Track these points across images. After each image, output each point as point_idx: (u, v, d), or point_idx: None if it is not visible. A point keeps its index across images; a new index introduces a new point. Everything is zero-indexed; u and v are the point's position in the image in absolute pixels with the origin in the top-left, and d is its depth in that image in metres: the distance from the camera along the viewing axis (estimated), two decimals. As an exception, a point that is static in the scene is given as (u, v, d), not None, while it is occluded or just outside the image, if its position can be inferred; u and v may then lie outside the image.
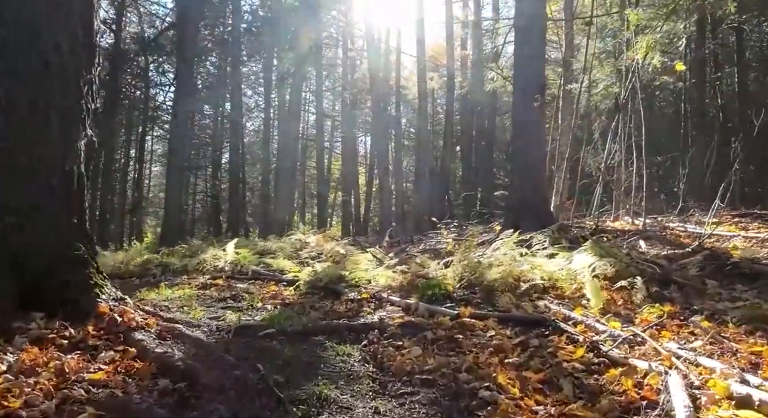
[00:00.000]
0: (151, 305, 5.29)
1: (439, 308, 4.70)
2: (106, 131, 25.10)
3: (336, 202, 33.26)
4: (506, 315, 4.40)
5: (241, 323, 4.25)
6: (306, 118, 31.34)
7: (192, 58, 21.05)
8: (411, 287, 5.66)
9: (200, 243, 11.83)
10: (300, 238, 11.34)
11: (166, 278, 8.10)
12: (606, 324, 3.95)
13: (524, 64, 9.67)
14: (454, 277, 5.63)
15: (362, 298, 5.54)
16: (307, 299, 5.90)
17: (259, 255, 9.21)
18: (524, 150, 9.53)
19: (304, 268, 7.69)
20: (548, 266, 5.47)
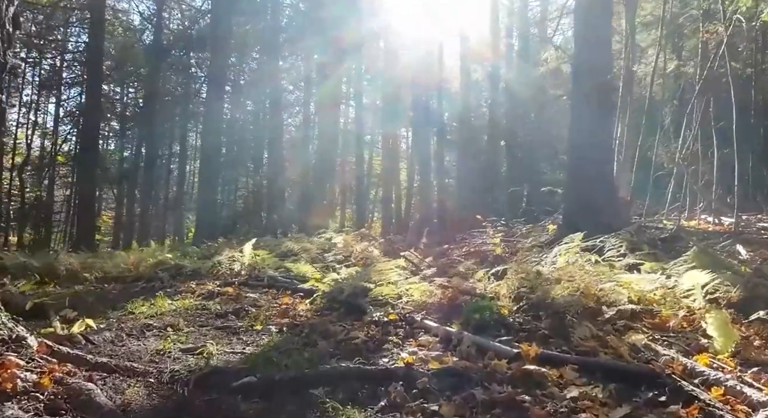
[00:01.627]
0: (116, 328, 4.10)
1: (492, 344, 3.31)
2: (147, 127, 24.55)
3: (378, 199, 31.94)
4: (591, 361, 2.98)
5: (208, 368, 2.93)
6: (347, 113, 30.13)
7: (226, 51, 20.16)
8: (452, 307, 4.29)
9: (223, 242, 10.68)
10: (329, 237, 10.07)
11: (173, 284, 6.93)
12: (761, 387, 2.48)
13: (586, 47, 8.14)
14: (508, 294, 4.22)
15: (389, 320, 4.20)
16: (321, 319, 4.58)
17: (281, 257, 7.97)
18: (585, 139, 7.97)
19: (327, 274, 6.42)
20: (638, 282, 3.99)
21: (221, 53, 19.22)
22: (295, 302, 5.50)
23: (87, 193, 19.58)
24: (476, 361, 3.11)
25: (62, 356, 2.69)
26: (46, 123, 28.54)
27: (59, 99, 27.22)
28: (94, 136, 20.25)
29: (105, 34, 22.57)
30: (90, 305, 5.68)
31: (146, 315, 5.02)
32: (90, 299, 5.93)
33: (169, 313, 5.11)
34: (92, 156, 19.89)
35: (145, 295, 6.14)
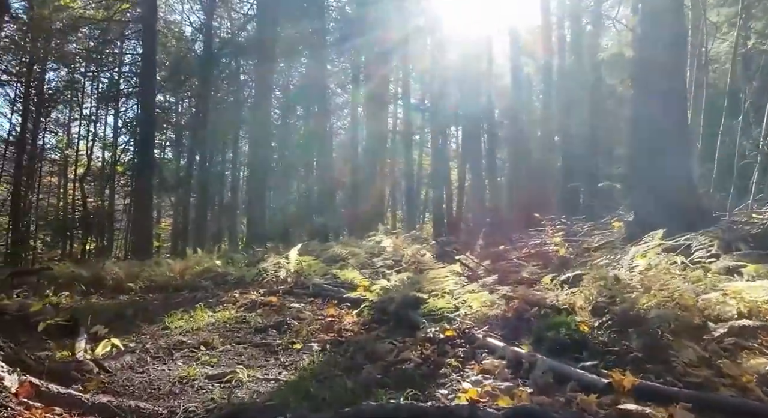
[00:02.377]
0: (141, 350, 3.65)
1: (574, 371, 2.68)
2: (201, 135, 24.72)
3: (428, 199, 31.27)
4: (709, 397, 2.30)
5: (229, 408, 2.40)
6: (395, 113, 29.60)
7: (273, 57, 19.97)
8: (519, 321, 3.66)
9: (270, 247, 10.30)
10: (379, 241, 9.52)
11: (216, 293, 6.54)
12: None
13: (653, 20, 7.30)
14: (585, 306, 3.55)
15: (446, 336, 3.60)
16: (368, 335, 4.04)
17: (328, 263, 7.47)
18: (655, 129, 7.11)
19: (376, 281, 5.87)
20: (750, 291, 3.24)
21: (268, 59, 19.06)
22: (341, 313, 4.98)
23: (144, 201, 19.72)
24: (556, 393, 2.49)
25: (51, 397, 2.22)
26: (105, 134, 29.23)
27: (117, 110, 27.77)
28: (149, 146, 20.39)
29: (158, 46, 22.82)
30: (128, 319, 5.33)
31: (182, 330, 4.60)
32: (129, 312, 5.57)
33: (206, 327, 4.68)
34: (148, 165, 20.03)
35: (186, 306, 5.75)
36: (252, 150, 17.86)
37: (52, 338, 4.42)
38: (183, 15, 30.40)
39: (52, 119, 28.92)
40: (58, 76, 28.11)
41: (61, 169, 29.22)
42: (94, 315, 5.33)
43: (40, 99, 26.69)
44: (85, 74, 27.61)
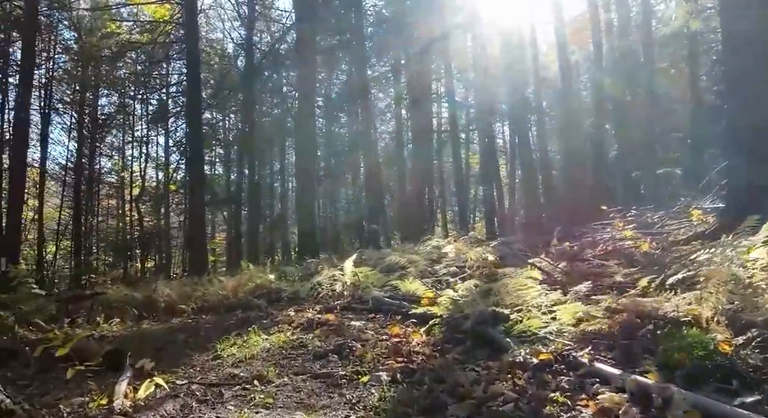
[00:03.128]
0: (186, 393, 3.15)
1: (731, 409, 2.01)
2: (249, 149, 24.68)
3: (477, 198, 30.39)
4: None
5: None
6: (439, 112, 28.90)
7: (313, 66, 19.62)
8: (631, 339, 2.97)
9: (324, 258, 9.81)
10: (437, 245, 8.88)
11: (270, 312, 6.06)
12: None
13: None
14: (714, 317, 2.83)
15: (540, 361, 2.95)
16: (443, 360, 3.42)
17: (386, 273, 6.90)
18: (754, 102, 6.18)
19: (442, 292, 5.25)
20: None
21: (308, 68, 18.72)
22: (407, 332, 4.39)
23: (197, 217, 19.70)
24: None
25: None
26: (158, 154, 29.68)
27: (167, 130, 28.13)
28: (199, 163, 20.40)
29: (201, 65, 22.90)
30: (178, 345, 4.90)
31: (234, 359, 4.10)
32: (180, 338, 5.14)
33: (261, 355, 4.16)
34: (199, 182, 20.02)
35: (239, 329, 5.29)
36: (298, 160, 17.52)
37: (98, 374, 4.02)
38: (224, 32, 30.66)
39: (107, 144, 29.58)
40: (110, 101, 28.76)
41: (118, 191, 29.84)
42: (143, 343, 4.94)
43: (95, 125, 27.28)
44: (134, 97, 28.11)
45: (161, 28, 22.45)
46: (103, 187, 29.57)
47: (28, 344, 4.85)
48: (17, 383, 4.10)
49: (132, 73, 26.36)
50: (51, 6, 21.92)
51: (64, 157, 27.55)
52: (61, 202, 26.49)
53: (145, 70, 25.94)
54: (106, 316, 6.98)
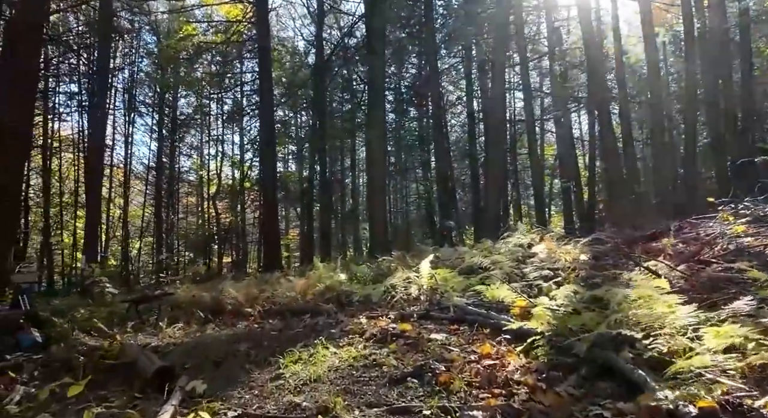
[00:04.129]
0: None
1: None
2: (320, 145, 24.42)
3: (553, 192, 28.82)
4: None
5: None
6: (512, 103, 27.56)
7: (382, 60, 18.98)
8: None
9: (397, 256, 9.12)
10: (519, 242, 7.98)
11: (339, 319, 5.44)
12: None
13: None
14: None
15: (701, 411, 2.11)
16: (554, 397, 2.64)
17: (466, 275, 6.12)
18: None
19: (535, 300, 4.44)
20: None
21: (378, 62, 18.12)
22: (501, 352, 3.61)
23: (270, 214, 19.61)
24: None
25: None
26: (233, 153, 30.08)
27: (242, 129, 28.42)
28: (272, 160, 20.31)
29: (273, 62, 22.82)
30: (240, 358, 4.34)
31: (297, 381, 3.48)
32: (242, 348, 4.59)
33: (328, 375, 3.51)
34: (272, 179, 19.92)
35: (306, 338, 4.69)
36: (368, 155, 16.95)
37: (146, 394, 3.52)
38: (295, 30, 30.65)
39: (186, 143, 30.29)
40: (188, 102, 29.40)
41: (197, 189, 30.50)
42: (203, 354, 4.43)
43: (174, 125, 27.94)
44: (210, 97, 28.56)
45: (234, 27, 22.50)
46: (183, 186, 30.33)
47: (85, 353, 4.44)
48: (64, 401, 3.65)
49: (207, 74, 26.70)
50: (132, 11, 22.43)
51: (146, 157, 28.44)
52: (144, 201, 27.31)
53: (219, 70, 26.20)
54: (171, 319, 6.61)
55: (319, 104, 24.13)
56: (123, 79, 26.14)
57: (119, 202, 25.41)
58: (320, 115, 24.43)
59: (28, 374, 4.04)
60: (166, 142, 27.47)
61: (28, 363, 4.12)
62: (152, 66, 26.64)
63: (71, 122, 23.44)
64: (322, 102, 24.29)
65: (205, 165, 29.38)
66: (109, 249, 25.59)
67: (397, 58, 25.76)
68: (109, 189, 25.30)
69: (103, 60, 14.54)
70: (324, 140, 24.31)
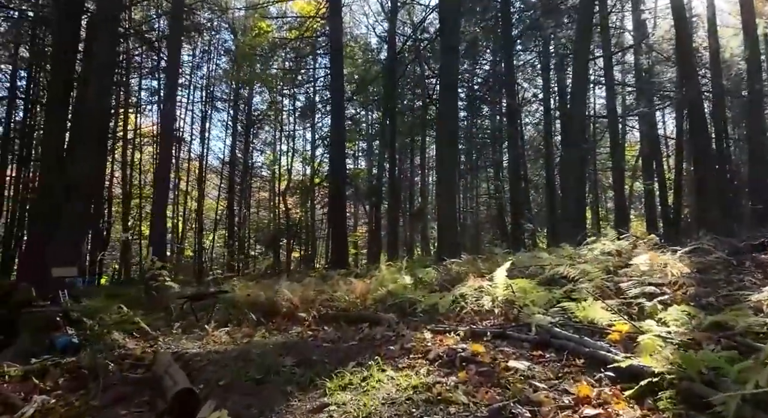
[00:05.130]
0: None
1: None
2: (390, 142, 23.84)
3: (634, 194, 26.83)
4: None
5: None
6: (593, 100, 25.88)
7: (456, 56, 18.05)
8: None
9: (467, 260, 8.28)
10: (607, 249, 6.95)
11: (400, 332, 4.71)
12: None
13: None
14: None
15: None
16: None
17: (547, 287, 5.23)
18: None
19: (640, 324, 3.55)
20: None
21: (450, 58, 17.22)
22: (603, 395, 2.76)
23: (338, 211, 19.22)
24: None
25: None
26: (304, 149, 30.06)
27: (313, 125, 28.30)
28: (341, 157, 19.93)
29: (345, 59, 22.46)
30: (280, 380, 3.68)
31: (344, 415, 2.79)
32: (288, 363, 3.95)
33: (381, 412, 2.80)
34: (341, 175, 19.54)
35: (361, 355, 4.01)
36: (439, 152, 16.14)
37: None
38: (368, 27, 30.17)
39: (260, 139, 30.58)
40: (263, 98, 29.61)
41: (269, 184, 30.75)
42: (243, 368, 3.83)
43: (249, 121, 28.20)
44: (283, 94, 28.61)
45: (307, 23, 22.30)
46: (256, 181, 30.64)
47: (116, 360, 3.95)
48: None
49: (281, 70, 26.72)
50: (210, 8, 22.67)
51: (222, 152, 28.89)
52: (218, 194, 27.72)
53: (293, 66, 26.15)
54: (223, 320, 6.14)
55: (389, 101, 23.54)
56: (201, 76, 26.63)
57: (195, 195, 25.90)
58: (390, 111, 23.83)
59: (53, 381, 3.58)
60: (241, 137, 27.76)
61: (54, 368, 3.66)
62: (229, 63, 26.99)
63: (152, 117, 24.10)
64: (393, 98, 23.67)
65: (277, 161, 29.51)
66: (185, 241, 26.17)
67: (471, 54, 24.73)
68: (186, 182, 25.83)
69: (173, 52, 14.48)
70: (394, 137, 23.71)
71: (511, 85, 22.04)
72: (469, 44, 23.24)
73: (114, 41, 12.40)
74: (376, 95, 26.56)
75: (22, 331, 4.15)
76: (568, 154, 17.70)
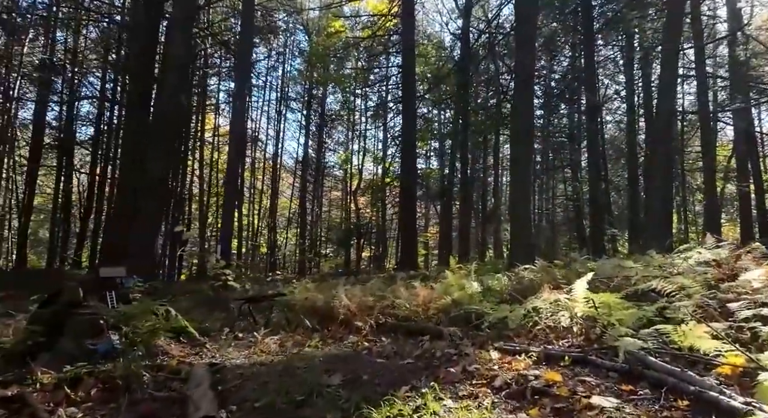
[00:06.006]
0: None
1: None
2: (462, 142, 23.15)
3: (726, 196, 24.60)
4: None
5: None
6: (682, 97, 23.96)
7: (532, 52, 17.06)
8: None
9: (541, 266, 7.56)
10: (703, 258, 6.04)
11: (464, 349, 4.15)
12: None
13: None
14: None
15: None
16: None
17: (636, 301, 4.49)
18: None
19: (759, 356, 2.83)
20: None
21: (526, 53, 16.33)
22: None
23: (408, 211, 18.78)
24: None
25: None
26: (376, 148, 29.86)
27: (385, 124, 28.01)
28: (412, 157, 19.48)
29: (418, 58, 21.99)
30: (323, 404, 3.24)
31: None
32: (333, 386, 3.49)
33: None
34: (411, 175, 19.08)
35: (416, 376, 3.50)
36: (513, 152, 15.33)
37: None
38: (442, 25, 29.52)
39: (333, 139, 30.68)
40: (336, 98, 29.68)
41: (341, 183, 30.79)
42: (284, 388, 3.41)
43: (322, 120, 28.33)
44: (355, 93, 28.51)
45: (380, 22, 22.00)
46: (328, 180, 30.77)
47: (152, 370, 3.66)
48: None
49: (355, 69, 26.61)
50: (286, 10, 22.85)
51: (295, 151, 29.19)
52: (291, 193, 28.02)
53: (365, 66, 25.97)
54: (278, 324, 5.82)
55: (462, 99, 22.81)
56: (276, 77, 26.98)
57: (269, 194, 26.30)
58: (463, 110, 23.09)
59: (85, 391, 3.31)
60: (314, 137, 27.92)
61: (88, 377, 3.40)
62: (303, 64, 27.20)
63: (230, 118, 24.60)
64: (466, 96, 22.92)
65: (349, 160, 29.47)
66: (260, 238, 26.62)
67: (548, 49, 23.54)
68: (262, 181, 26.24)
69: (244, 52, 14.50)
70: (466, 136, 22.96)
71: (592, 82, 20.71)
72: (546, 39, 22.11)
73: (188, 42, 12.53)
74: (448, 94, 25.88)
75: (65, 333, 3.96)
76: (653, 152, 16.34)
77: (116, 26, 17.88)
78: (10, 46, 17.39)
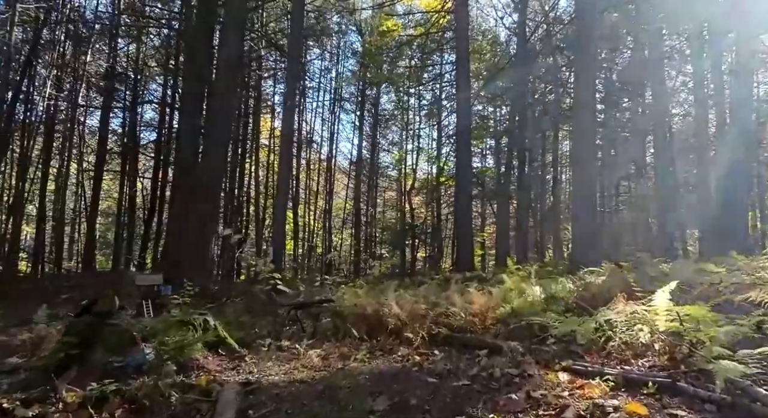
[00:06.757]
0: None
1: None
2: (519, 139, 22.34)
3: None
4: None
5: None
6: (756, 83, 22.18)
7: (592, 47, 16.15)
8: None
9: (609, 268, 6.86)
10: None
11: (526, 368, 3.63)
12: None
13: None
14: None
15: None
16: None
17: (728, 315, 3.85)
18: None
19: None
20: None
21: (587, 50, 15.43)
22: None
23: (464, 211, 18.16)
24: None
25: None
26: (430, 148, 29.30)
27: (439, 123, 27.44)
28: (467, 155, 18.82)
29: (472, 55, 21.33)
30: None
31: None
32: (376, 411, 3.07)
33: None
34: (467, 174, 18.47)
35: (471, 403, 3.03)
36: (574, 149, 14.50)
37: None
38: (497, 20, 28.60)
39: (386, 139, 30.34)
40: (389, 98, 29.31)
41: (396, 183, 30.40)
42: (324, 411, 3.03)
43: (375, 121, 28.03)
44: (409, 92, 28.04)
45: (433, 19, 21.47)
46: (382, 180, 30.45)
47: (182, 387, 3.35)
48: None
49: (408, 68, 26.18)
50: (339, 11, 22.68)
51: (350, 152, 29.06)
52: (346, 194, 27.88)
53: (418, 64, 25.49)
54: (324, 333, 5.46)
55: (519, 96, 21.95)
56: (330, 79, 26.91)
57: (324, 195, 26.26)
58: (520, 106, 22.22)
59: (110, 412, 3.03)
60: (368, 138, 27.68)
61: (114, 396, 3.12)
62: (356, 64, 27.00)
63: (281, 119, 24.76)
64: (523, 93, 22.05)
65: (403, 160, 29.06)
66: (316, 238, 26.62)
67: (608, 42, 22.33)
68: (317, 182, 26.21)
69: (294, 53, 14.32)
70: (523, 133, 22.09)
71: (658, 73, 19.44)
72: (607, 30, 20.95)
73: (239, 44, 12.46)
74: (504, 90, 25.01)
75: (97, 345, 3.73)
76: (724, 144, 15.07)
77: (175, 33, 18.21)
78: (77, 56, 18.00)
